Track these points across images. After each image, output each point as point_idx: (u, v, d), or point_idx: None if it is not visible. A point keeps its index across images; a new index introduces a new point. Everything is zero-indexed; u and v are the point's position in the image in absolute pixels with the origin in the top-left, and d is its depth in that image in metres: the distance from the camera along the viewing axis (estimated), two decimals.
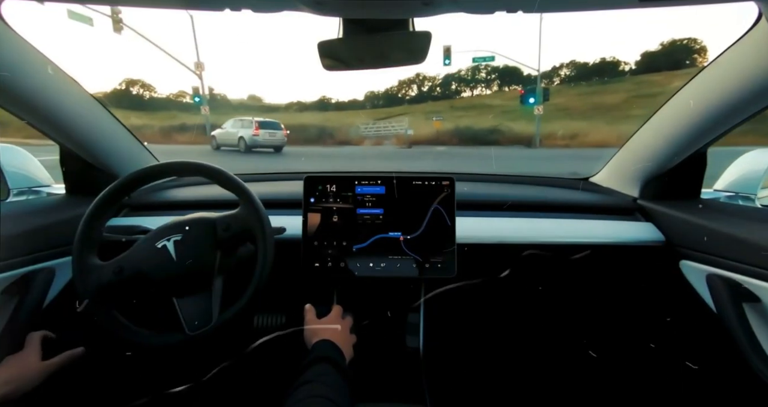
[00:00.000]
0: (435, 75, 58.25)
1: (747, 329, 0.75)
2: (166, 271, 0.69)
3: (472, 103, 43.46)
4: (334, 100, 50.12)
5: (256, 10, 0.55)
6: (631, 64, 46.83)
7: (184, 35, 17.65)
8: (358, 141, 19.01)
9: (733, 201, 1.06)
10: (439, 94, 56.14)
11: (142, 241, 0.72)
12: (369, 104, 43.44)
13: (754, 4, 0.59)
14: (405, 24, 0.60)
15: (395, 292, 0.98)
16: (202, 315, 0.69)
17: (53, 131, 0.87)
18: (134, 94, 46.06)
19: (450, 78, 56.85)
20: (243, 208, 0.74)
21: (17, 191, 1.06)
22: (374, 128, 21.10)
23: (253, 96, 54.51)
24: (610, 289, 1.12)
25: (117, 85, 51.91)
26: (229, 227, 0.72)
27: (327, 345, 0.67)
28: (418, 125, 25.05)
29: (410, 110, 40.28)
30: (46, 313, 0.82)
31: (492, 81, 58.67)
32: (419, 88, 52.20)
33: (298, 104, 41.88)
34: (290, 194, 1.00)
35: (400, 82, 53.52)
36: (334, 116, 35.44)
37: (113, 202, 0.76)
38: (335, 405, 0.52)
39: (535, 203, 1.05)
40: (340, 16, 0.58)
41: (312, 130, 23.21)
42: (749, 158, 1.09)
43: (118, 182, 0.75)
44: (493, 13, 0.55)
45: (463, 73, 56.65)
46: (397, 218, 0.89)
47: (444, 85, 57.42)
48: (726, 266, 0.78)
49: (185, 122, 21.65)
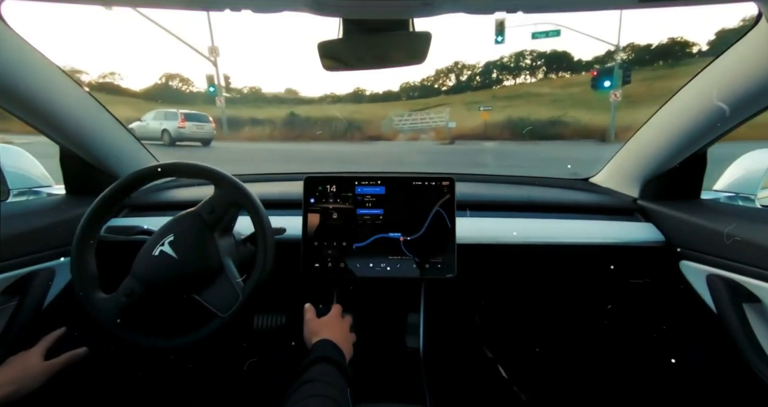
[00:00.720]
0: (474, 63, 53.33)
1: (747, 329, 0.75)
2: (175, 272, 0.69)
3: (516, 91, 38.73)
4: (369, 92, 46.50)
5: (256, 10, 0.55)
6: (701, 46, 41.33)
7: (197, 17, 16.33)
8: (390, 135, 16.88)
9: (733, 202, 1.06)
10: (479, 83, 51.03)
11: (139, 256, 0.72)
12: (404, 95, 40.02)
13: (754, 4, 0.59)
14: (405, 24, 0.60)
15: (395, 292, 0.98)
16: (227, 297, 0.70)
17: (53, 131, 0.87)
18: (145, 84, 44.47)
19: (491, 66, 52.24)
20: (217, 190, 0.75)
21: (17, 192, 1.06)
22: (409, 120, 18.50)
23: (290, 89, 51.31)
24: (610, 289, 1.12)
25: (125, 75, 50.87)
26: (213, 209, 0.73)
27: (327, 345, 0.67)
28: (458, 117, 21.49)
29: (448, 100, 35.58)
30: (46, 313, 0.82)
31: (537, 68, 53.39)
32: (457, 78, 48.00)
33: (332, 97, 38.95)
34: (290, 194, 1.00)
35: (437, 72, 49.32)
36: (365, 108, 31.59)
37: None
38: (336, 404, 0.52)
39: (535, 204, 1.05)
40: (340, 17, 0.58)
41: (337, 123, 20.37)
42: (749, 158, 1.09)
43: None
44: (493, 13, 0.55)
45: (506, 61, 52.04)
46: (397, 219, 0.89)
47: (484, 73, 52.50)
48: (726, 266, 0.78)
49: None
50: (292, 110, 24.59)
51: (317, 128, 17.42)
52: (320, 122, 20.40)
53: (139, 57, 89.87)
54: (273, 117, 22.15)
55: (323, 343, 0.67)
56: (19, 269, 0.78)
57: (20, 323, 0.77)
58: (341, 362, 0.63)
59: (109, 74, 47.31)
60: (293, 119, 21.80)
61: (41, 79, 0.78)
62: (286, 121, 21.02)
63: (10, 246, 0.76)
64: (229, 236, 0.79)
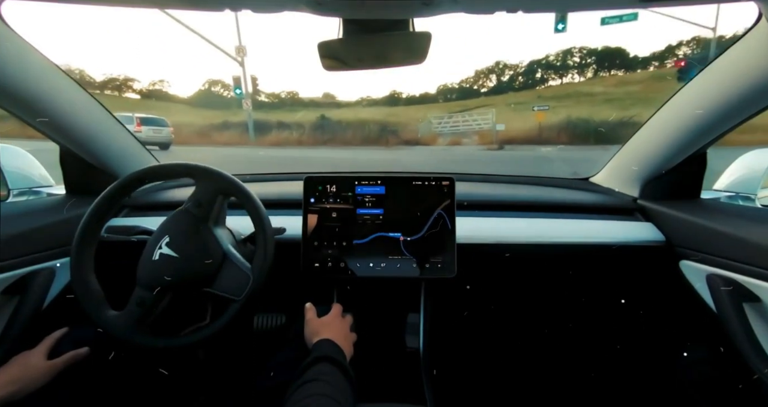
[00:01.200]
0: (517, 62, 49.65)
1: (747, 329, 0.75)
2: (180, 270, 0.70)
3: (564, 91, 35.59)
4: (405, 95, 43.62)
5: (256, 10, 0.55)
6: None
7: (223, 15, 15.64)
8: (428, 140, 15.03)
9: (733, 201, 1.06)
10: (522, 83, 47.29)
11: (141, 264, 0.71)
12: (441, 97, 37.27)
13: (754, 4, 0.59)
14: (405, 24, 0.60)
15: (395, 292, 0.98)
16: (238, 281, 0.70)
17: (53, 131, 0.87)
18: (171, 88, 42.94)
19: (535, 65, 48.71)
20: (199, 183, 0.75)
21: (17, 192, 1.06)
22: (449, 123, 16.35)
23: (322, 92, 48.47)
24: (610, 289, 1.12)
25: (153, 78, 49.56)
26: (199, 202, 0.73)
27: (328, 345, 0.67)
28: (503, 119, 17.89)
29: (488, 102, 32.24)
30: (46, 313, 0.82)
31: (586, 66, 50.12)
32: (498, 78, 44.69)
33: (366, 100, 36.80)
34: (290, 194, 1.00)
35: (477, 73, 46.11)
36: (400, 110, 28.25)
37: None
38: (337, 403, 0.52)
39: (536, 203, 1.05)
40: (340, 16, 0.58)
41: (370, 127, 17.78)
42: (749, 158, 1.09)
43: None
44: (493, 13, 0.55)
45: (552, 59, 48.69)
46: (397, 219, 0.89)
47: (528, 73, 48.72)
48: (726, 266, 0.78)
49: (228, 120, 18.46)
50: (323, 113, 22.47)
51: (349, 132, 15.76)
52: (352, 125, 18.18)
53: (157, 56, 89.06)
54: (302, 121, 20.42)
55: (324, 343, 0.67)
56: (19, 269, 0.78)
57: (20, 323, 0.77)
58: (342, 361, 0.63)
59: (121, 80, 46.29)
60: (323, 122, 20.11)
61: (41, 79, 0.78)
62: (315, 124, 19.21)
63: (10, 246, 0.76)
64: (224, 226, 0.79)
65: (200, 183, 0.75)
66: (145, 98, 31.95)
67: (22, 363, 0.68)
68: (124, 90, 32.68)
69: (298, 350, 0.75)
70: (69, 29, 76.70)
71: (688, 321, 0.96)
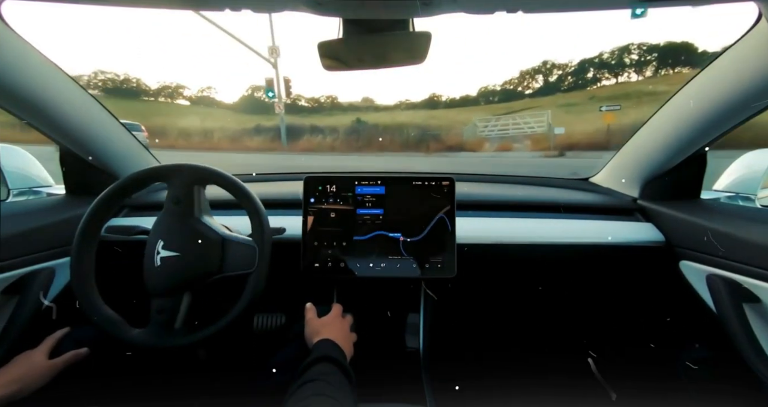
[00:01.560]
0: (566, 62, 44.97)
1: (747, 329, 0.75)
2: (186, 266, 0.70)
3: (622, 90, 32.19)
4: (445, 98, 40.52)
5: (255, 10, 0.55)
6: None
7: (257, 17, 13.77)
8: (474, 145, 13.08)
9: (733, 202, 1.06)
10: (572, 83, 42.66)
11: (146, 275, 0.71)
12: (483, 99, 34.36)
13: (754, 4, 0.59)
14: (405, 24, 0.60)
15: (395, 292, 0.98)
16: (246, 256, 0.72)
17: (53, 131, 0.87)
18: (200, 91, 40.79)
19: (587, 64, 43.84)
20: (171, 180, 0.75)
21: (17, 191, 1.06)
22: (498, 126, 14.38)
23: (367, 98, 44.80)
24: (610, 289, 1.12)
25: (182, 80, 48.06)
26: (177, 198, 0.74)
27: (328, 345, 0.67)
28: (558, 121, 15.74)
29: (534, 104, 29.01)
30: (46, 313, 0.82)
31: (646, 64, 45.02)
32: (545, 78, 41.08)
33: (405, 104, 34.42)
34: (290, 194, 1.00)
35: (522, 73, 42.29)
36: (440, 113, 25.42)
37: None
38: (338, 403, 0.52)
39: (535, 204, 1.05)
40: (340, 16, 0.58)
41: (409, 131, 15.72)
42: (749, 158, 1.09)
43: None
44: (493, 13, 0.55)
45: (606, 57, 43.47)
46: (397, 219, 0.89)
47: (578, 72, 43.73)
48: (726, 266, 0.78)
49: (261, 124, 17.33)
50: (359, 117, 20.73)
51: (386, 136, 14.12)
52: (390, 129, 16.34)
53: (190, 60, 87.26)
54: (336, 125, 18.56)
55: (324, 343, 0.67)
56: (19, 269, 0.78)
57: (20, 323, 0.77)
58: (342, 361, 0.63)
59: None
60: (359, 126, 18.62)
61: (41, 79, 0.78)
62: (350, 129, 17.77)
63: (10, 246, 0.76)
64: (210, 214, 0.79)
65: (172, 180, 0.75)
66: (194, 104, 31.03)
67: (23, 362, 0.68)
68: (176, 97, 32.25)
69: (298, 350, 0.75)
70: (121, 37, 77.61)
71: (688, 321, 0.96)
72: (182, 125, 16.79)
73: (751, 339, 0.74)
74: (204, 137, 11.80)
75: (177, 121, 18.05)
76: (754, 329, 0.75)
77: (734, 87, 0.71)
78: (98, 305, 0.71)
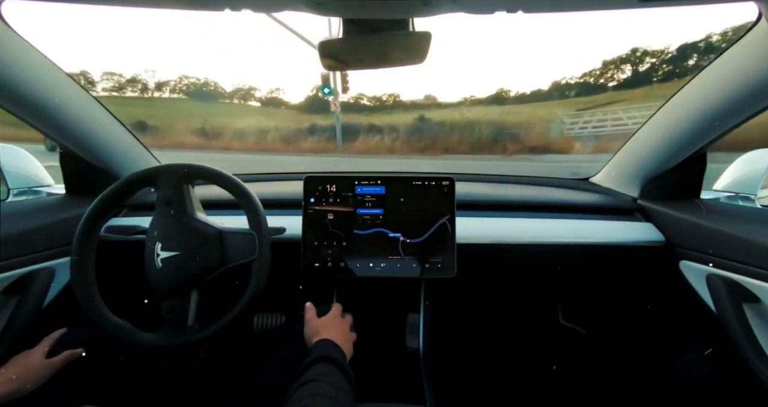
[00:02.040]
0: (663, 48, 41.89)
1: (747, 329, 0.75)
2: (188, 263, 0.71)
3: None
4: (513, 93, 36.67)
5: (255, 9, 0.55)
6: None
7: None
8: (561, 146, 10.50)
9: (732, 201, 1.06)
10: (668, 72, 39.98)
11: (150, 278, 0.71)
12: (557, 93, 29.74)
13: (754, 4, 0.59)
14: (405, 24, 0.59)
15: (395, 292, 0.98)
16: (247, 244, 0.72)
17: (53, 131, 0.87)
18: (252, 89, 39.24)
19: (688, 49, 36.20)
20: (158, 181, 0.74)
21: (17, 191, 1.06)
22: (591, 122, 11.55)
23: (429, 96, 41.10)
24: (610, 289, 1.12)
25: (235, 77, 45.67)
26: (167, 199, 0.73)
27: (328, 345, 0.67)
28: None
29: (619, 97, 24.81)
30: (46, 313, 0.82)
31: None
32: (635, 68, 36.45)
33: (471, 100, 30.62)
34: (290, 194, 1.00)
35: (604, 64, 37.81)
36: (517, 109, 21.77)
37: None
38: (337, 403, 0.52)
39: (535, 204, 1.05)
40: (340, 16, 0.58)
41: (481, 129, 13.07)
42: (749, 158, 1.09)
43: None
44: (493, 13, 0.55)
45: (715, 40, 37.57)
46: (398, 219, 0.89)
47: (677, 59, 41.95)
48: (726, 266, 0.78)
49: (316, 123, 15.59)
50: (422, 114, 18.18)
51: (454, 136, 12.03)
52: (458, 127, 14.02)
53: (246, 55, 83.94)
54: (396, 123, 16.19)
55: (324, 343, 0.67)
56: (19, 269, 0.78)
57: (20, 323, 0.77)
58: (341, 361, 0.63)
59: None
60: (422, 124, 16.29)
61: (41, 79, 0.78)
62: (412, 128, 15.46)
63: (10, 246, 0.76)
64: (203, 211, 0.79)
65: (160, 181, 0.75)
66: (264, 105, 29.74)
67: (21, 362, 0.68)
68: (248, 98, 31.49)
69: (298, 350, 0.75)
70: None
71: (688, 321, 0.96)
72: (240, 126, 16.10)
73: (751, 339, 0.74)
74: (258, 138, 11.08)
75: (237, 121, 17.22)
76: (754, 329, 0.75)
77: (734, 87, 0.71)
78: (103, 311, 0.71)
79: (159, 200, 0.74)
